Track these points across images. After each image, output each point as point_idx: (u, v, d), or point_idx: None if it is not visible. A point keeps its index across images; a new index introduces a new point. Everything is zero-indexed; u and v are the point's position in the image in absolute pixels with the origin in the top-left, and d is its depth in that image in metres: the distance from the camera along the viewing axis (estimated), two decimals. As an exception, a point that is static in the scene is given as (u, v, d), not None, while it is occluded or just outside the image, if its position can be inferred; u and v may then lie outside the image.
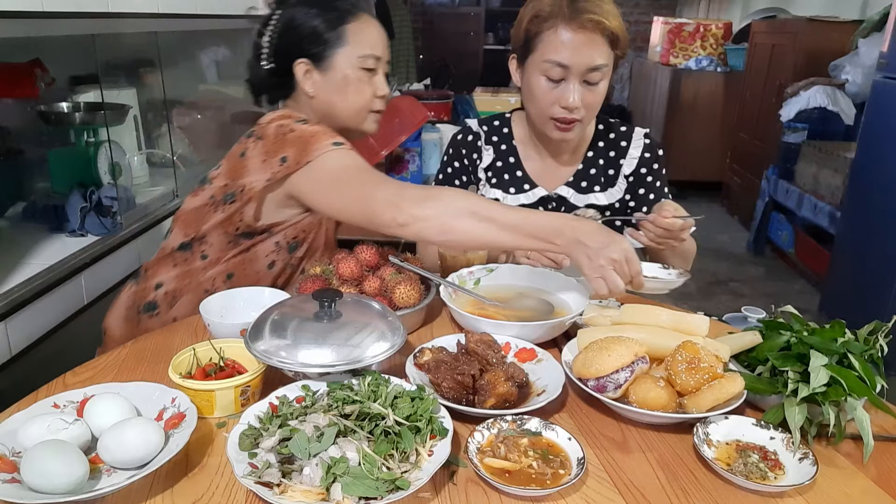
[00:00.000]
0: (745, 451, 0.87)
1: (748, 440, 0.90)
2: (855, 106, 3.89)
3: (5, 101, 1.95)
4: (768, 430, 0.91)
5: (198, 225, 1.34)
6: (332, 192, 1.22)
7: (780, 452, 0.88)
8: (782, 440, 0.89)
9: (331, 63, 1.32)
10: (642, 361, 0.97)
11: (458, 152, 1.58)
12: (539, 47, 1.35)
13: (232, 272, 1.35)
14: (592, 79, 1.34)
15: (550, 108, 1.37)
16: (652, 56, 6.31)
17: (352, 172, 1.20)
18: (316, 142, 1.22)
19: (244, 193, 1.27)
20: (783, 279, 4.00)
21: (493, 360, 1.01)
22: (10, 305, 1.43)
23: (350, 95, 1.33)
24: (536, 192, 1.52)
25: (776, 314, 1.09)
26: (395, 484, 0.75)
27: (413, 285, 1.17)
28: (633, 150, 1.52)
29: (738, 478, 0.82)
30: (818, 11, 4.57)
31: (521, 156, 1.55)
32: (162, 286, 1.36)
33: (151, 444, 0.81)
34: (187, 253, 1.36)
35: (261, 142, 1.28)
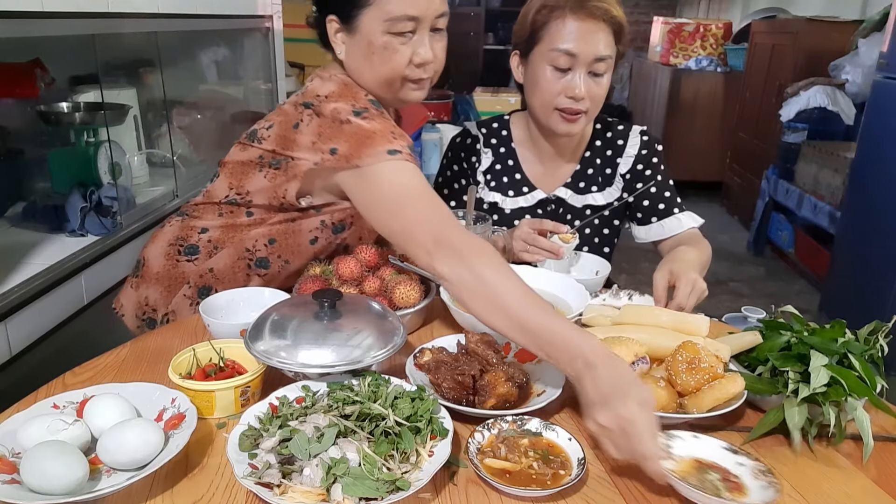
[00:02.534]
0: (705, 469, 0.83)
1: (711, 460, 0.85)
2: (855, 106, 3.89)
3: (5, 101, 1.95)
4: (737, 455, 0.85)
5: (242, 180, 1.29)
6: (375, 207, 1.12)
7: (743, 477, 0.82)
8: (751, 469, 0.82)
9: (357, 25, 1.16)
10: (642, 361, 0.97)
11: (456, 155, 1.58)
12: (546, 37, 1.36)
13: (275, 238, 1.31)
14: (598, 69, 1.35)
15: (556, 99, 1.37)
16: (652, 56, 6.31)
17: (400, 194, 1.09)
18: (371, 146, 1.10)
19: (291, 167, 1.21)
20: (783, 279, 4.00)
21: (494, 360, 1.01)
22: (10, 305, 1.43)
23: (376, 65, 1.18)
24: (535, 194, 1.52)
25: (776, 314, 1.09)
26: (396, 484, 0.75)
27: (413, 285, 1.17)
28: (630, 149, 1.52)
29: (693, 491, 0.77)
30: (818, 11, 4.57)
31: (520, 158, 1.55)
32: (207, 232, 1.33)
33: (151, 444, 0.81)
34: (233, 207, 1.32)
35: (316, 119, 1.17)
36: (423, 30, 1.17)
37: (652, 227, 1.52)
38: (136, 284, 1.40)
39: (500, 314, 0.94)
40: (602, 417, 0.81)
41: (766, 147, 4.52)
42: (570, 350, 0.87)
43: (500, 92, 3.78)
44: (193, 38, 2.65)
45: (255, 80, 2.85)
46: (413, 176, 1.10)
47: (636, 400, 0.80)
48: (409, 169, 1.10)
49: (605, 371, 0.83)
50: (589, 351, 0.86)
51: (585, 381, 0.84)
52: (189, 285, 1.34)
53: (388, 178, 1.09)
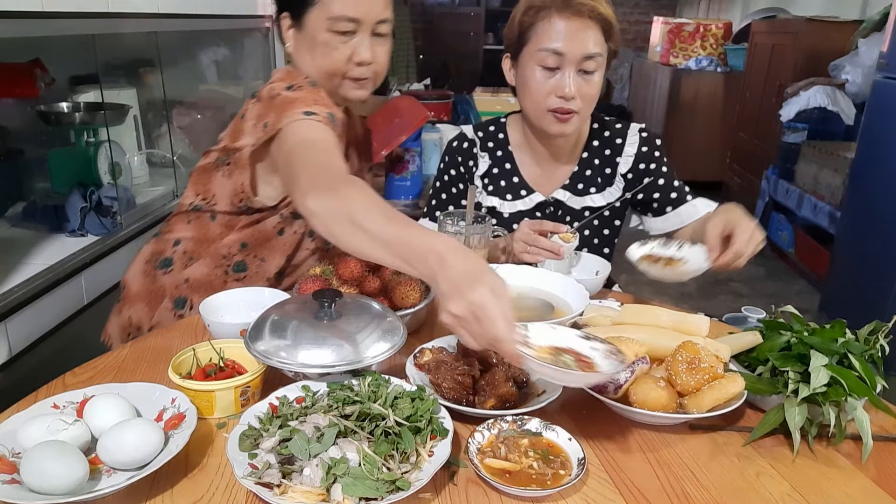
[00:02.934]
0: (560, 353, 0.90)
1: (567, 346, 0.92)
2: (855, 106, 3.89)
3: (5, 101, 1.96)
4: (590, 341, 0.94)
5: (206, 185, 1.34)
6: (281, 163, 1.16)
7: (595, 358, 0.90)
8: (603, 351, 0.91)
9: (305, 22, 1.27)
10: (642, 362, 0.97)
11: (453, 160, 1.56)
12: (533, 38, 1.36)
13: (245, 241, 1.35)
14: (588, 67, 1.34)
15: (547, 100, 1.36)
16: (652, 56, 6.31)
17: (302, 147, 1.13)
18: (290, 108, 1.17)
19: (239, 158, 1.26)
20: (783, 279, 4.00)
21: (493, 360, 1.01)
22: (10, 305, 1.43)
23: (317, 58, 1.27)
24: (533, 197, 1.52)
25: (776, 314, 1.09)
26: (396, 484, 0.75)
27: (413, 285, 1.17)
28: (629, 148, 1.51)
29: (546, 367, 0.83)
30: (818, 11, 4.57)
31: (518, 161, 1.54)
32: (180, 243, 1.37)
33: (151, 444, 0.81)
34: (199, 213, 1.36)
35: (257, 105, 1.25)
36: (364, 32, 1.26)
37: (669, 217, 1.52)
38: (119, 309, 1.42)
39: (360, 232, 0.92)
40: (454, 306, 0.81)
41: (766, 147, 4.52)
42: (422, 249, 0.86)
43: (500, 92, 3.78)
44: (193, 38, 2.66)
45: (255, 80, 2.85)
46: (319, 133, 1.14)
47: (487, 286, 0.80)
48: (319, 128, 1.15)
49: (456, 262, 0.83)
50: (440, 245, 0.85)
51: (439, 276, 0.83)
52: (168, 298, 1.37)
53: (298, 136, 1.14)
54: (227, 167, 1.30)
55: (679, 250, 1.21)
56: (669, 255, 1.17)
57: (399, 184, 2.91)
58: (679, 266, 1.16)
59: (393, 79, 5.50)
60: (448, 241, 0.87)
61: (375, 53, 1.28)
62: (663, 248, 1.22)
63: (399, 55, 5.80)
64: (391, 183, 2.93)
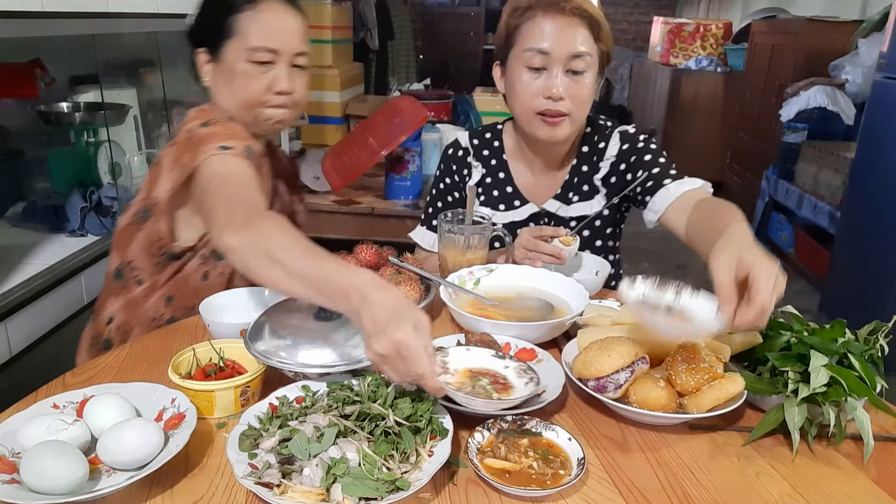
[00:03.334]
0: (477, 377, 0.92)
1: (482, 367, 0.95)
2: (855, 106, 3.89)
3: (5, 101, 1.96)
4: (503, 360, 0.97)
5: (125, 248, 1.30)
6: (198, 200, 1.14)
7: (509, 377, 0.94)
8: (514, 369, 0.95)
9: (222, 55, 1.26)
10: (642, 362, 0.97)
11: (448, 168, 1.55)
12: (519, 39, 1.34)
13: (171, 295, 1.32)
14: (576, 67, 1.31)
15: (534, 101, 1.33)
16: (652, 56, 6.31)
17: (218, 182, 1.11)
18: (206, 144, 1.16)
19: (157, 206, 1.23)
20: (783, 279, 4.00)
21: (493, 360, 1.01)
22: (10, 305, 1.43)
23: (236, 89, 1.26)
24: (527, 208, 1.48)
25: (776, 314, 1.09)
26: (396, 484, 0.75)
27: (413, 285, 1.17)
28: (611, 149, 1.45)
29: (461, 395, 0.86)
30: (818, 11, 4.58)
31: (512, 170, 1.50)
32: (113, 321, 1.32)
33: (151, 444, 0.81)
34: (123, 281, 1.32)
35: (173, 148, 1.23)
36: (283, 63, 1.26)
37: (649, 208, 1.37)
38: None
39: (278, 267, 0.90)
40: (379, 346, 0.81)
41: (766, 147, 4.52)
42: (343, 285, 0.85)
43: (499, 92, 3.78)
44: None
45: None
46: (235, 166, 1.14)
47: (410, 324, 0.81)
48: (235, 162, 1.15)
49: (378, 299, 0.82)
50: (360, 281, 0.84)
51: (363, 313, 0.83)
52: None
53: (213, 171, 1.13)
54: (146, 221, 1.27)
55: (678, 297, 0.93)
56: (667, 305, 0.92)
57: (399, 184, 2.92)
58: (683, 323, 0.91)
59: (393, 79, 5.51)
60: (368, 277, 0.86)
61: (294, 84, 1.28)
62: (658, 292, 0.96)
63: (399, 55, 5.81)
64: (391, 183, 2.94)
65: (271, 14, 1.24)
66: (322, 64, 3.53)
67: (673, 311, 0.89)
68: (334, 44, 3.56)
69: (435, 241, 1.55)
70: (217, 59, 1.27)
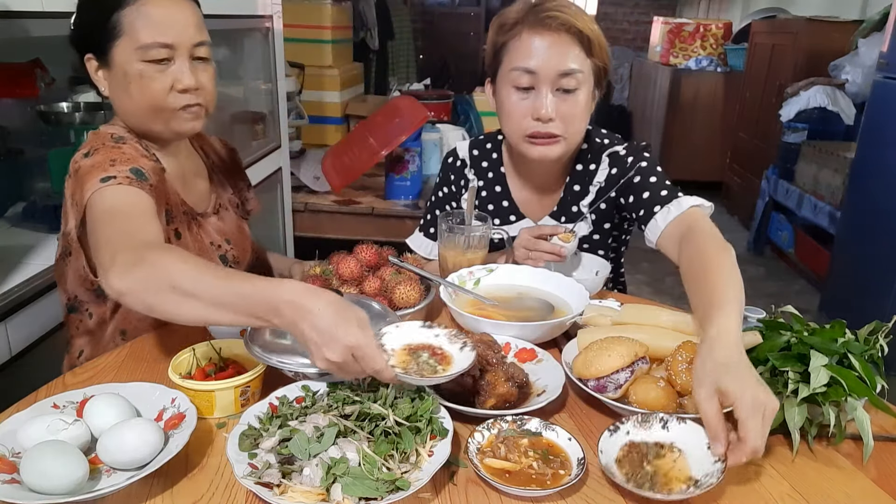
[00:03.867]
0: (417, 352, 0.90)
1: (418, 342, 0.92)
2: (855, 106, 3.89)
3: (5, 101, 1.95)
4: (432, 329, 0.94)
5: (64, 283, 1.23)
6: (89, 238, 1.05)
7: (444, 346, 0.92)
8: (446, 336, 0.93)
9: (112, 58, 1.13)
10: (642, 362, 0.97)
11: (446, 177, 1.53)
12: (506, 57, 1.28)
13: (123, 328, 1.25)
14: (566, 85, 1.25)
15: (523, 122, 1.27)
16: (652, 56, 6.31)
17: (101, 219, 1.01)
18: (89, 179, 1.05)
19: (71, 243, 1.15)
20: (783, 279, 4.00)
21: (493, 360, 1.01)
22: (10, 305, 1.43)
23: (134, 94, 1.13)
24: (522, 224, 1.45)
25: (776, 314, 1.09)
26: (396, 484, 0.75)
27: (413, 285, 1.17)
28: (600, 174, 1.40)
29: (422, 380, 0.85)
30: (818, 11, 4.58)
31: (510, 183, 1.47)
32: (83, 353, 1.27)
33: (151, 444, 0.81)
34: (78, 314, 1.25)
35: (70, 180, 1.13)
36: (182, 57, 1.13)
37: (644, 238, 1.30)
38: None
39: (191, 300, 0.85)
40: (332, 354, 0.80)
41: (766, 147, 4.52)
42: (272, 300, 0.82)
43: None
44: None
45: (255, 80, 2.85)
46: (120, 197, 1.04)
47: (355, 324, 0.81)
48: (119, 192, 1.04)
49: (317, 309, 0.81)
50: (290, 293, 0.82)
51: (303, 325, 0.81)
52: None
53: (95, 207, 1.03)
54: (70, 258, 1.18)
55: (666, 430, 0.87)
56: (655, 444, 0.85)
57: (399, 184, 2.92)
58: (673, 466, 0.83)
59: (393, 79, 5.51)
60: (295, 287, 0.83)
61: (199, 78, 1.15)
62: (643, 431, 0.87)
63: (399, 55, 5.81)
64: (391, 183, 2.94)
65: (158, 5, 1.11)
66: (322, 64, 3.53)
67: (663, 452, 0.84)
68: (334, 44, 3.56)
69: (432, 248, 1.54)
70: (108, 65, 1.14)
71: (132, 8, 1.10)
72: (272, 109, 2.83)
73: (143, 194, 1.06)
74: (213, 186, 1.37)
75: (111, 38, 1.11)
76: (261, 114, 2.85)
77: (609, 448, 0.85)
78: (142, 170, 1.08)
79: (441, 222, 1.33)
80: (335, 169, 2.85)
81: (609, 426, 0.87)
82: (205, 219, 1.30)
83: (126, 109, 1.17)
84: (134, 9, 1.10)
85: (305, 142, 3.55)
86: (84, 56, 1.16)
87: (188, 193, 1.28)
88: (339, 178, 2.84)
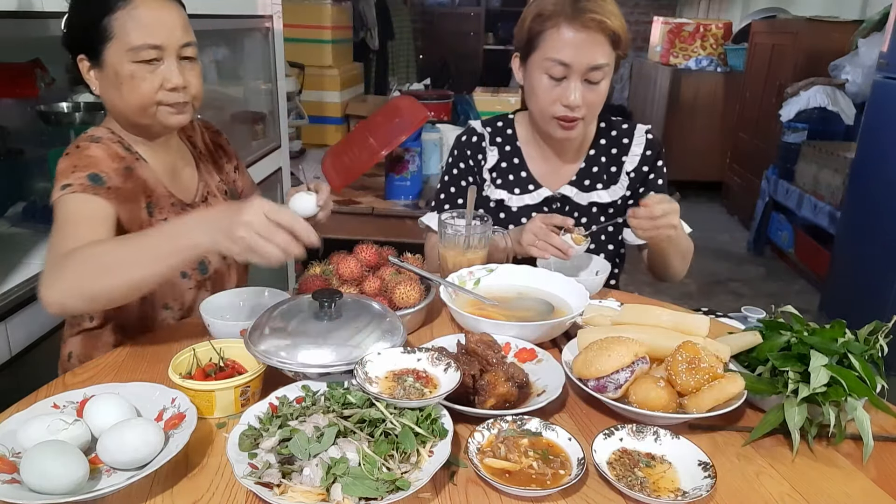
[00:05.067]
0: (401, 377, 0.92)
1: (402, 367, 0.94)
2: (855, 106, 3.89)
3: (5, 101, 1.95)
4: (413, 354, 0.96)
5: None
6: None
7: (428, 369, 0.94)
8: (427, 358, 0.95)
9: (104, 59, 1.17)
10: (642, 362, 0.97)
11: (462, 154, 1.57)
12: (541, 46, 1.36)
13: (122, 327, 1.27)
14: (594, 78, 1.35)
15: (552, 107, 1.38)
16: (652, 56, 6.31)
17: (56, 228, 1.09)
18: (55, 186, 1.12)
19: None
20: (783, 279, 4.00)
21: (493, 360, 1.01)
22: (10, 305, 1.43)
23: (125, 94, 1.18)
24: (541, 192, 1.52)
25: (776, 314, 1.09)
26: (396, 484, 0.75)
27: (413, 285, 1.17)
28: (636, 147, 1.52)
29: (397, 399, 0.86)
30: (818, 11, 4.57)
31: (525, 156, 1.55)
32: (72, 355, 1.29)
33: (151, 444, 0.81)
34: (78, 316, 1.28)
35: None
36: (170, 58, 1.19)
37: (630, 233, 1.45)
38: None
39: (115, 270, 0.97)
40: (246, 215, 0.91)
41: (766, 147, 4.52)
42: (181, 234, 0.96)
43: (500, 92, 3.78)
44: (193, 38, 2.65)
45: (255, 80, 2.85)
46: (71, 206, 1.10)
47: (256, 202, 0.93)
48: (72, 201, 1.10)
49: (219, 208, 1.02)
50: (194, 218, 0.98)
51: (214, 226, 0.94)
52: None
53: (56, 214, 1.10)
54: None
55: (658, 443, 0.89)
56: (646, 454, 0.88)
57: (399, 184, 2.92)
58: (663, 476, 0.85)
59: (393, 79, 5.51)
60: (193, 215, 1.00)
61: (187, 77, 1.21)
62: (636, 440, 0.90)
63: (399, 55, 5.81)
64: (391, 183, 2.94)
65: (147, 8, 1.16)
66: (322, 64, 3.53)
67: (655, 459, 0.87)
68: (334, 44, 3.56)
69: None
70: (100, 65, 1.18)
71: (122, 12, 1.14)
72: (272, 109, 2.82)
73: (97, 200, 1.12)
74: (201, 175, 1.39)
75: (103, 40, 1.16)
76: (261, 114, 2.85)
77: (602, 450, 0.86)
78: (100, 175, 1.14)
79: (441, 222, 1.33)
80: (335, 169, 2.85)
81: (604, 430, 0.89)
82: (193, 209, 1.32)
83: (117, 107, 1.22)
84: (124, 12, 1.14)
85: (305, 142, 3.55)
86: (76, 57, 1.21)
87: (177, 185, 1.31)
88: (339, 178, 2.84)
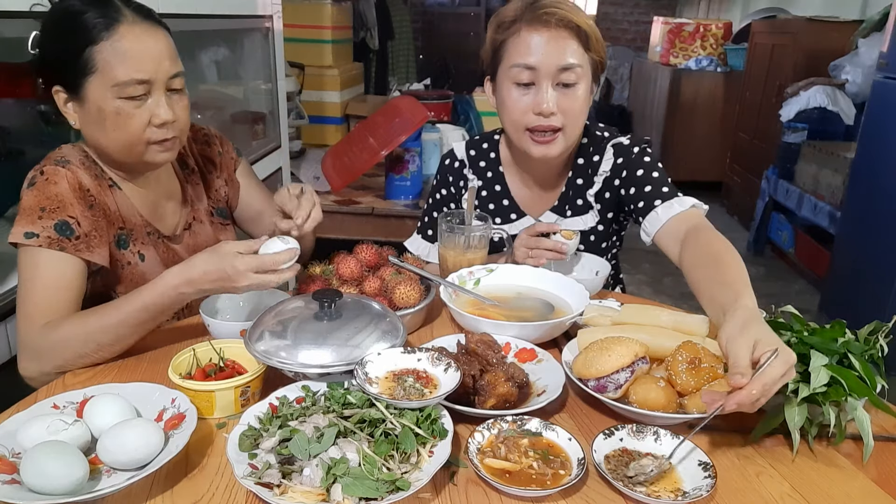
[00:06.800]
0: (401, 377, 0.92)
1: (401, 368, 0.94)
2: (855, 106, 3.89)
3: (5, 101, 1.95)
4: (414, 354, 0.96)
5: None
6: None
7: (427, 369, 0.94)
8: (427, 358, 0.95)
9: (85, 94, 1.07)
10: (642, 362, 0.97)
11: (444, 179, 1.53)
12: (505, 55, 1.30)
13: None
14: (566, 79, 1.27)
15: (524, 117, 1.29)
16: (652, 56, 6.31)
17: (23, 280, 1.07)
18: (19, 222, 1.06)
19: None
20: (783, 279, 4.00)
21: (494, 360, 1.01)
22: (10, 305, 1.43)
23: (110, 131, 1.09)
24: (523, 221, 1.46)
25: (776, 314, 1.09)
26: (396, 484, 0.75)
27: (413, 285, 1.17)
28: (605, 164, 1.41)
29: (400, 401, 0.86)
30: (818, 11, 4.58)
31: (508, 182, 1.48)
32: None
33: (151, 444, 0.81)
34: None
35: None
36: (158, 91, 1.10)
37: (641, 231, 1.35)
38: None
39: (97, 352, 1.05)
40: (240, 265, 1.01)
41: (766, 147, 4.52)
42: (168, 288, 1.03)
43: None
44: (193, 38, 2.65)
45: (255, 80, 2.85)
46: (39, 264, 1.05)
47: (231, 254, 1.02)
48: (38, 257, 1.05)
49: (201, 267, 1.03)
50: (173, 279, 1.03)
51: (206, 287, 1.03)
52: None
53: (21, 260, 1.07)
54: None
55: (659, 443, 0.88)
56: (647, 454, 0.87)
57: (399, 184, 2.92)
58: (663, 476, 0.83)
59: (393, 79, 5.51)
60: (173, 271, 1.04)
61: (175, 111, 1.13)
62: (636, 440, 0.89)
63: (399, 55, 5.81)
64: (391, 183, 2.94)
65: (133, 40, 1.06)
66: (322, 64, 3.53)
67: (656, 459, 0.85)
68: (334, 44, 3.56)
69: (430, 250, 1.54)
70: (79, 100, 1.09)
71: (106, 43, 1.05)
72: (272, 109, 2.82)
73: (64, 258, 1.07)
74: (186, 203, 1.32)
75: (84, 73, 1.06)
76: (261, 114, 2.85)
77: (602, 449, 0.86)
78: (68, 222, 1.07)
79: (441, 222, 1.33)
80: (335, 169, 2.85)
81: (605, 430, 0.88)
82: (174, 242, 1.28)
83: (99, 143, 1.13)
84: (108, 44, 1.05)
85: (305, 142, 3.55)
86: (51, 88, 1.11)
87: (157, 217, 1.25)
88: (339, 178, 2.84)
